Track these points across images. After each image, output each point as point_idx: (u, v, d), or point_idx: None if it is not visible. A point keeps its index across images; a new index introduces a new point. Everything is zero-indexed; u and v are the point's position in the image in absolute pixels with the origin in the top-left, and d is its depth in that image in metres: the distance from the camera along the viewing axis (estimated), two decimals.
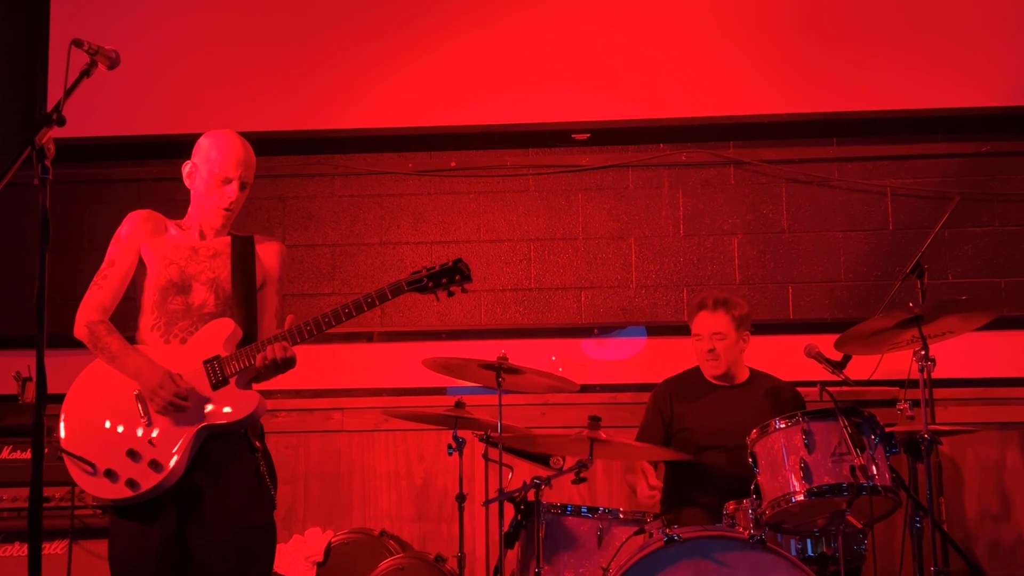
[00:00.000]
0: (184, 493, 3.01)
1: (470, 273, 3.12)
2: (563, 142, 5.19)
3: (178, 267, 3.14)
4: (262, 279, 3.26)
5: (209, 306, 3.14)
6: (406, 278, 3.10)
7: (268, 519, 3.12)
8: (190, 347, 3.10)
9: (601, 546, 3.71)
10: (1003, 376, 4.82)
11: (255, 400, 3.08)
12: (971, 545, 4.65)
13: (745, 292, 4.87)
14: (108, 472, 2.99)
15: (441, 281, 3.10)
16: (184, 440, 3.00)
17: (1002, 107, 4.96)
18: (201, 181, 3.19)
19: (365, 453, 4.99)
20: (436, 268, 3.11)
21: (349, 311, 3.05)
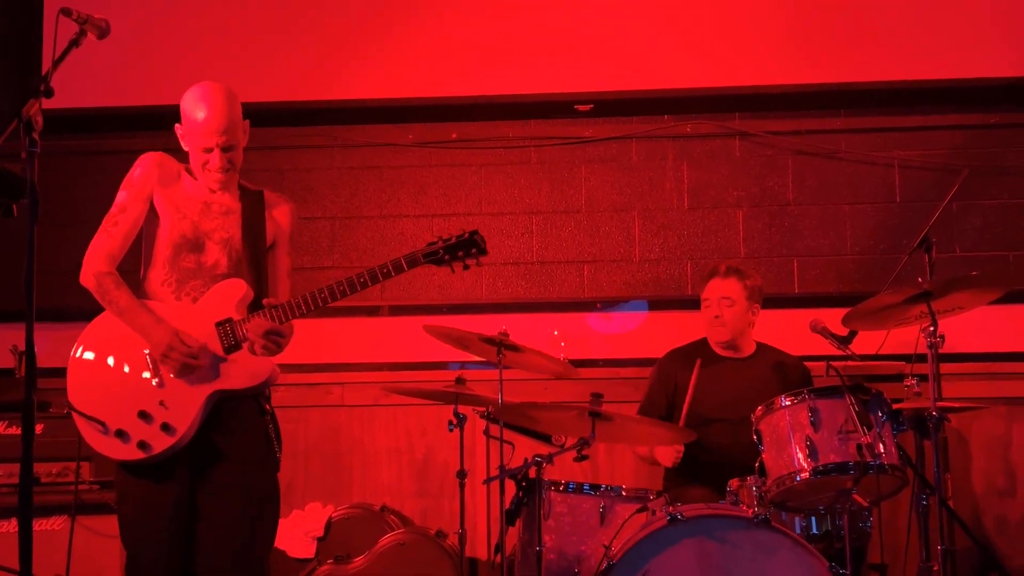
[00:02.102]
0: (195, 454, 3.01)
1: (486, 246, 3.08)
2: (566, 113, 5.11)
3: (191, 222, 3.10)
4: (273, 238, 3.22)
5: (222, 267, 3.11)
6: (422, 249, 3.06)
7: (275, 482, 3.12)
8: (201, 307, 3.07)
9: (604, 524, 3.68)
10: (1010, 351, 4.77)
11: (268, 367, 3.07)
12: (978, 522, 4.61)
13: (750, 266, 4.79)
14: (119, 432, 2.98)
15: (457, 253, 3.07)
16: (196, 404, 2.99)
17: (1012, 77, 4.87)
18: (189, 148, 3.14)
19: (365, 428, 4.95)
20: (452, 240, 3.07)
21: (364, 280, 3.02)
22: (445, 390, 4.03)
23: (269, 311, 2.98)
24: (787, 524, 3.60)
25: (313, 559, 4.48)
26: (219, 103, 3.06)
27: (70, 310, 3.24)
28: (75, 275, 3.09)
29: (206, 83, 3.11)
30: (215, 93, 3.08)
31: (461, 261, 3.07)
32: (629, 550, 3.39)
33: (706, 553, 3.36)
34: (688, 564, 3.36)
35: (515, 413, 3.94)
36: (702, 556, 3.36)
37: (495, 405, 3.87)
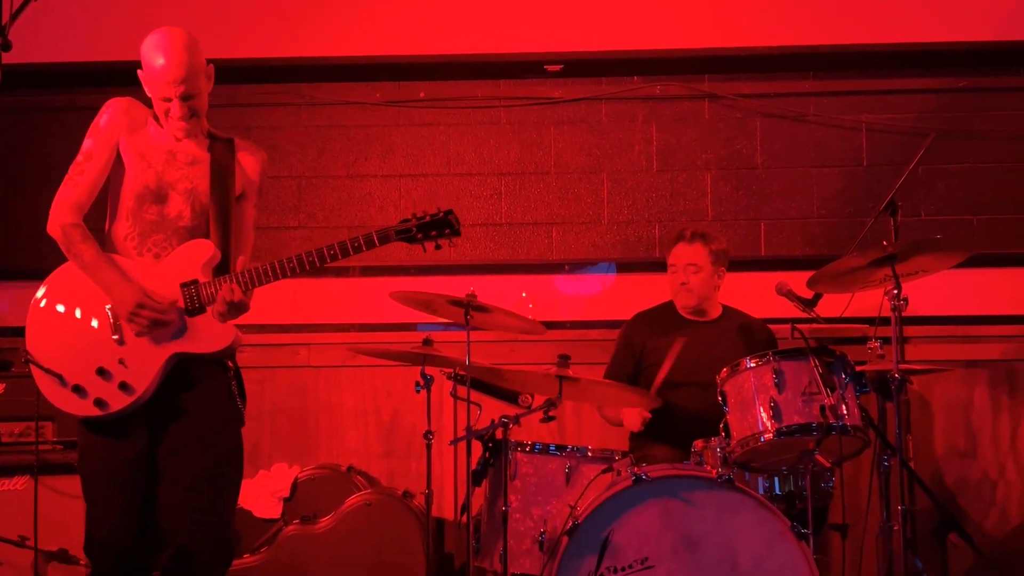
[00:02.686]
0: (156, 411, 2.98)
1: (460, 227, 3.07)
2: (535, 73, 5.08)
3: (155, 172, 3.04)
4: (242, 189, 3.16)
5: (185, 219, 3.06)
6: (395, 226, 3.04)
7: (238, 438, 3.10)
8: (166, 266, 3.03)
9: (569, 484, 3.71)
10: (972, 314, 4.82)
11: (231, 333, 3.04)
12: (938, 483, 4.69)
13: (718, 228, 4.81)
14: (76, 388, 2.95)
15: (430, 233, 3.05)
16: (156, 364, 2.96)
17: (981, 42, 4.89)
18: (150, 95, 3.06)
19: (332, 389, 4.94)
20: (426, 219, 3.05)
21: (334, 253, 3.01)
22: (412, 351, 4.03)
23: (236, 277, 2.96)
24: (750, 485, 3.64)
25: (279, 519, 4.49)
26: (178, 51, 2.98)
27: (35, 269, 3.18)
28: (41, 236, 3.05)
29: (165, 29, 3.03)
30: (174, 40, 2.99)
31: (433, 240, 3.05)
32: (594, 510, 3.42)
33: (670, 513, 3.40)
34: (652, 524, 3.40)
35: (482, 374, 3.95)
36: (666, 516, 3.40)
37: (462, 366, 3.87)
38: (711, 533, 3.39)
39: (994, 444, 4.75)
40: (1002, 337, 4.77)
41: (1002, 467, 4.74)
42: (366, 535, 4.33)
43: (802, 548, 3.34)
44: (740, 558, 3.36)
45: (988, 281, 4.80)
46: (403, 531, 4.30)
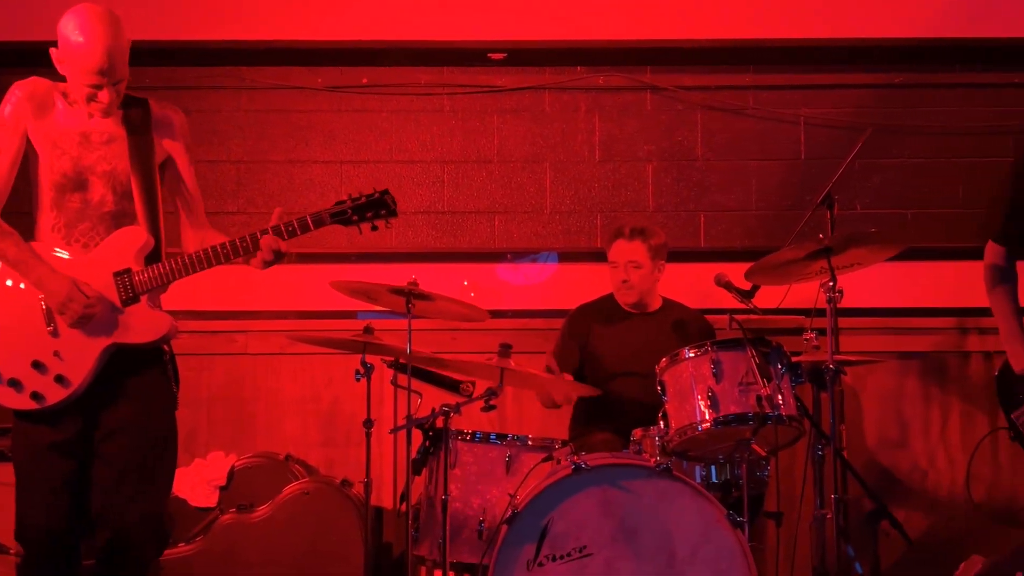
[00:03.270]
0: (90, 399, 2.94)
1: (396, 208, 3.05)
2: (479, 61, 5.06)
3: (71, 158, 2.95)
4: (166, 155, 3.08)
5: (108, 204, 2.99)
6: (329, 209, 3.02)
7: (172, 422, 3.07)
8: (98, 256, 2.97)
9: (509, 473, 3.72)
10: (905, 306, 4.91)
11: (166, 323, 3.01)
12: (870, 472, 4.77)
13: (658, 219, 4.85)
14: (12, 382, 2.90)
15: (366, 214, 3.03)
16: (92, 356, 2.92)
17: (917, 38, 4.97)
18: (68, 77, 2.93)
19: (270, 377, 4.89)
20: (362, 200, 3.02)
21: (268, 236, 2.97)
22: (353, 339, 4.00)
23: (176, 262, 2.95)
24: (688, 473, 3.68)
25: (215, 508, 4.43)
26: (102, 34, 2.84)
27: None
28: None
29: (85, 6, 2.90)
30: (98, 21, 2.85)
31: (369, 222, 3.03)
32: (533, 499, 3.43)
33: (608, 501, 3.42)
34: (591, 512, 3.42)
35: (423, 363, 3.94)
36: (604, 504, 3.42)
37: (403, 355, 3.86)
38: (649, 521, 3.42)
39: (925, 434, 4.86)
40: (933, 329, 4.87)
41: (932, 457, 4.84)
42: (303, 524, 4.30)
43: (737, 536, 3.39)
44: (677, 546, 3.40)
45: (921, 274, 4.90)
46: (341, 520, 4.28)
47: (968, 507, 4.72)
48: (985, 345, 4.79)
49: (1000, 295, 3.36)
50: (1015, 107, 4.97)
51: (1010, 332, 3.29)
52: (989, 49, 4.98)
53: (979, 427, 4.79)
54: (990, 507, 4.71)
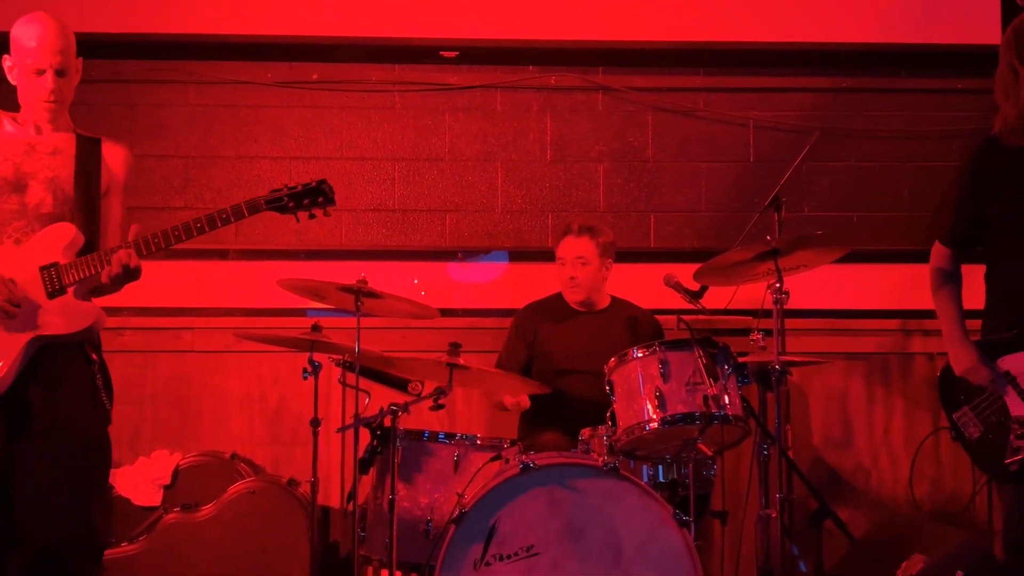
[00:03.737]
0: (13, 402, 2.88)
1: (334, 196, 3.03)
2: (431, 59, 5.04)
3: (13, 164, 2.98)
4: (107, 185, 3.10)
5: (47, 206, 2.98)
6: (265, 196, 3.00)
7: (102, 432, 3.01)
8: (26, 250, 2.94)
9: (457, 472, 3.71)
10: (851, 308, 4.97)
11: (93, 313, 2.97)
12: (814, 471, 4.83)
13: (609, 220, 4.87)
14: None
15: (303, 202, 3.01)
16: (14, 350, 2.87)
17: (864, 43, 5.03)
18: (20, 75, 3.02)
19: (216, 375, 4.83)
20: (298, 188, 3.01)
21: (202, 226, 2.95)
22: (300, 337, 3.97)
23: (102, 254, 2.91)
24: (635, 472, 3.70)
25: (159, 507, 4.38)
26: (53, 27, 3.01)
27: None
28: None
29: (38, 12, 3.04)
30: (48, 19, 3.03)
31: (307, 210, 3.01)
32: (481, 498, 3.43)
33: (556, 500, 3.43)
34: (538, 511, 3.42)
35: (372, 361, 3.92)
36: (552, 503, 3.42)
37: (351, 353, 3.83)
38: (596, 520, 3.43)
39: (868, 434, 4.92)
40: (878, 331, 4.94)
41: (876, 456, 4.91)
42: (249, 523, 4.27)
43: (683, 535, 3.41)
44: (624, 545, 3.41)
45: (866, 276, 4.96)
46: (287, 519, 4.25)
47: (910, 506, 4.80)
48: (928, 347, 4.86)
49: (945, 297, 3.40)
50: (960, 112, 5.05)
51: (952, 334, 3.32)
52: (935, 55, 5.06)
53: (922, 427, 4.86)
54: (932, 506, 4.78)
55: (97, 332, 3.01)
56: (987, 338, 3.26)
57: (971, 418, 3.27)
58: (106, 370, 3.05)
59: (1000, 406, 3.20)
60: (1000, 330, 3.23)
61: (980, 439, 3.25)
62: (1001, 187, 3.23)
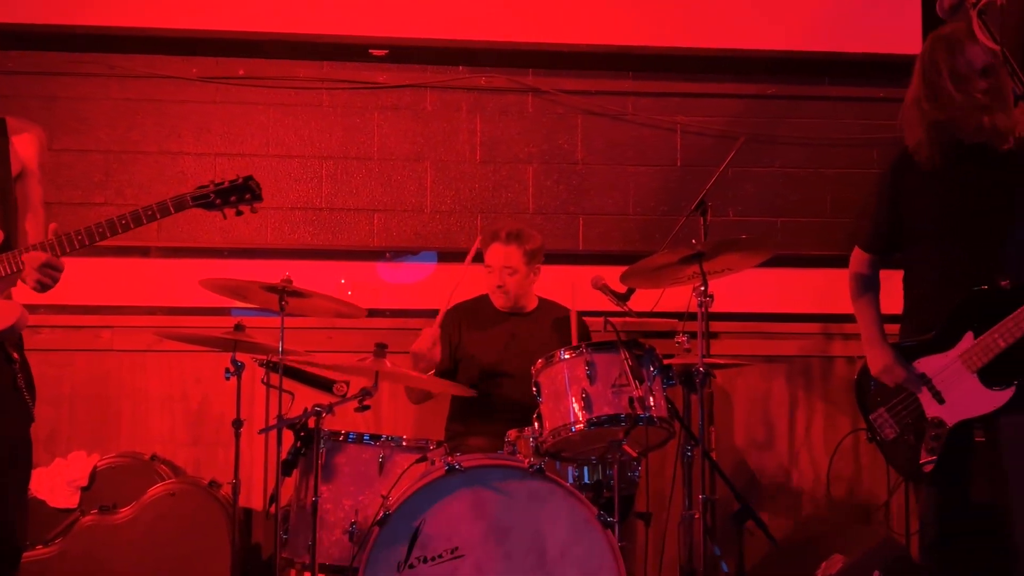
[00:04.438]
0: None
1: (261, 192, 3.00)
2: (360, 57, 5.00)
3: None
4: (18, 169, 3.00)
5: None
6: (191, 192, 2.95)
7: (24, 433, 2.95)
8: None
9: (382, 474, 3.68)
10: (774, 311, 5.05)
11: (16, 312, 2.90)
12: (737, 473, 4.89)
13: (538, 221, 4.88)
14: None
15: (230, 199, 2.98)
16: None
17: (789, 51, 5.12)
18: None
19: (137, 374, 4.74)
20: (225, 184, 2.98)
21: (127, 223, 2.89)
22: (223, 337, 3.91)
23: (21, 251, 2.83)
24: (561, 474, 3.70)
25: (76, 509, 4.28)
26: None
27: None
28: None
29: None
30: None
31: (234, 207, 2.98)
32: (406, 500, 3.41)
33: (481, 502, 3.42)
34: (463, 513, 3.41)
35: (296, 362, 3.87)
36: (477, 505, 3.42)
37: (275, 353, 3.78)
38: (521, 522, 3.43)
39: (790, 436, 5.00)
40: (800, 334, 5.02)
41: (796, 458, 4.99)
42: (169, 526, 4.19)
43: (607, 536, 3.43)
44: (548, 546, 3.42)
45: (789, 280, 5.04)
46: (208, 522, 4.18)
47: (829, 507, 4.89)
48: (848, 350, 4.96)
49: (864, 302, 3.48)
50: (881, 120, 5.15)
51: (870, 337, 3.41)
52: (857, 63, 5.16)
53: (841, 429, 4.95)
54: (850, 507, 4.87)
55: (19, 331, 2.93)
56: (905, 341, 3.34)
57: (887, 419, 3.34)
58: (28, 369, 2.98)
59: (915, 407, 3.27)
60: (916, 333, 3.31)
61: (896, 440, 3.32)
62: (917, 194, 3.31)
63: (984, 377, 3.16)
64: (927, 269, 3.32)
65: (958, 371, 3.19)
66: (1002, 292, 3.13)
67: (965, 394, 3.18)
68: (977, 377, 3.17)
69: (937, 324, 3.24)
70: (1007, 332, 3.10)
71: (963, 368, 3.18)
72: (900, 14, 5.14)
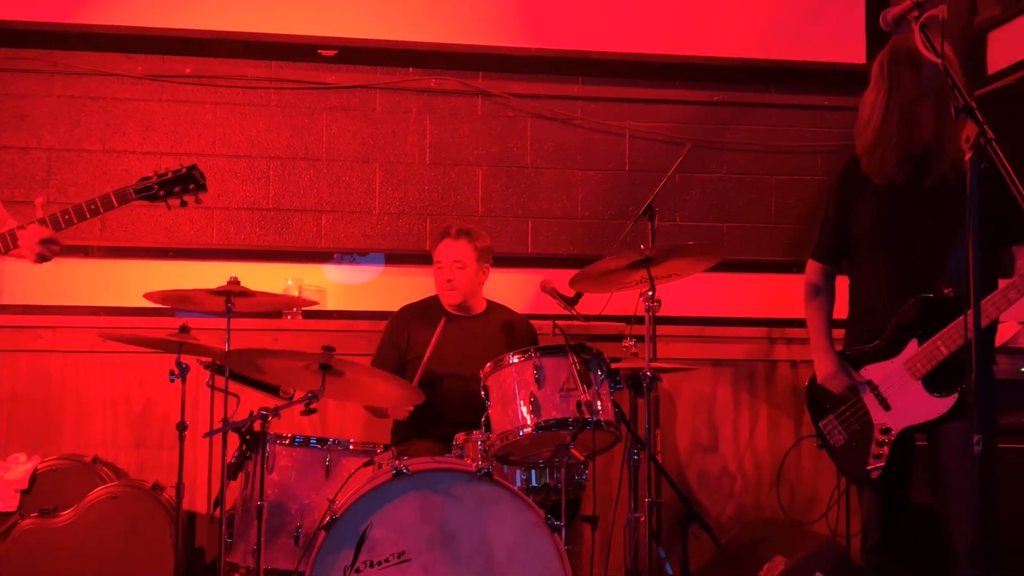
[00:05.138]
0: None
1: (205, 182, 2.96)
2: (309, 57, 4.97)
3: None
4: None
5: None
6: (134, 185, 2.92)
7: None
8: None
9: (329, 477, 3.66)
10: (719, 316, 5.11)
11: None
12: (682, 475, 4.94)
13: (487, 225, 4.88)
14: None
15: (173, 189, 2.95)
16: None
17: (737, 58, 5.19)
18: None
19: (79, 375, 4.66)
20: (168, 175, 2.95)
21: (70, 217, 2.86)
22: (167, 338, 3.86)
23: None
24: (508, 477, 3.71)
25: (15, 512, 4.21)
26: None
27: None
28: None
29: None
30: None
31: (178, 197, 2.95)
32: (352, 504, 3.39)
33: (429, 506, 3.41)
34: (411, 517, 3.40)
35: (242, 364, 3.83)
36: (424, 509, 3.40)
37: (221, 355, 3.74)
38: (468, 526, 3.42)
39: (734, 439, 5.06)
40: (745, 338, 5.08)
41: (740, 461, 5.05)
42: (111, 529, 4.13)
43: (554, 539, 3.43)
44: (495, 550, 3.42)
45: (734, 285, 5.11)
46: (151, 525, 4.13)
47: (772, 509, 4.95)
48: (792, 354, 5.03)
49: (814, 310, 3.54)
50: (825, 128, 5.25)
51: (818, 345, 3.46)
52: (803, 72, 5.25)
53: (784, 432, 5.03)
54: (793, 509, 4.94)
55: None
56: (853, 348, 3.39)
57: (836, 426, 3.40)
58: None
59: (863, 414, 3.33)
60: (861, 340, 3.37)
61: (844, 446, 3.38)
62: (863, 203, 3.37)
63: (928, 384, 3.22)
64: (872, 277, 3.37)
65: (903, 378, 3.25)
66: (945, 300, 3.19)
67: (910, 401, 3.24)
68: (922, 384, 3.22)
69: (881, 332, 3.30)
70: (949, 339, 3.16)
71: (908, 375, 3.24)
72: (845, 25, 5.23)
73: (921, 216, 3.26)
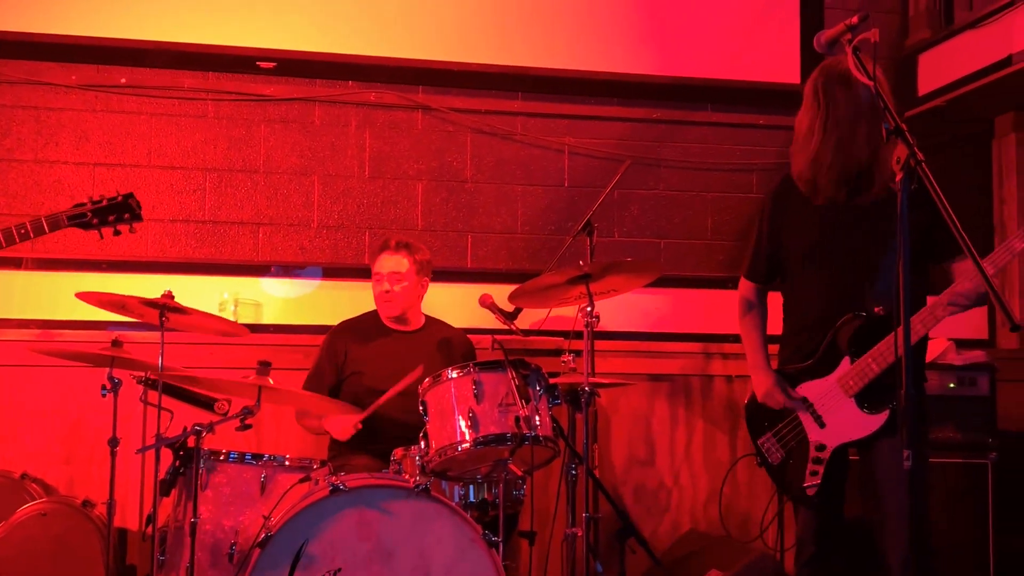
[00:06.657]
0: None
1: (140, 211, 2.91)
2: (247, 69, 4.93)
3: None
4: None
5: None
6: (67, 211, 2.86)
7: None
8: None
9: (264, 494, 3.62)
10: (656, 331, 5.15)
11: None
12: (619, 489, 4.97)
13: (427, 239, 4.87)
14: None
15: (107, 218, 2.89)
16: None
17: (674, 77, 5.25)
18: None
19: (8, 389, 4.55)
20: (103, 202, 2.89)
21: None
22: (99, 352, 3.79)
23: None
24: (447, 493, 3.70)
25: None
26: None
27: None
28: None
29: None
30: None
31: (112, 226, 2.89)
32: (288, 521, 3.35)
33: (366, 523, 3.39)
34: (347, 534, 3.37)
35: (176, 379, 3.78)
36: (362, 526, 3.38)
37: (154, 370, 3.69)
38: (406, 542, 3.41)
39: (671, 453, 5.10)
40: (682, 353, 5.13)
41: (677, 475, 5.09)
42: (39, 547, 4.04)
43: (492, 555, 3.43)
44: (433, 566, 3.41)
45: (671, 301, 5.16)
46: (81, 543, 4.04)
47: (708, 523, 5.00)
48: (727, 369, 5.09)
49: (749, 327, 3.58)
50: (760, 146, 5.33)
51: (754, 362, 3.50)
52: (738, 91, 5.32)
53: (720, 447, 5.08)
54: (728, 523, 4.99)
55: None
56: (788, 366, 3.44)
57: (774, 443, 3.44)
58: None
59: (799, 432, 3.38)
60: (794, 358, 3.42)
61: (782, 464, 3.42)
62: (796, 223, 3.42)
63: (861, 401, 3.27)
64: (805, 295, 3.42)
65: (837, 396, 3.30)
66: (876, 318, 3.25)
67: (844, 418, 3.29)
68: (855, 401, 3.28)
69: (816, 349, 3.34)
70: (880, 357, 3.22)
71: (842, 393, 3.29)
72: (780, 45, 5.33)
73: (854, 235, 3.32)
